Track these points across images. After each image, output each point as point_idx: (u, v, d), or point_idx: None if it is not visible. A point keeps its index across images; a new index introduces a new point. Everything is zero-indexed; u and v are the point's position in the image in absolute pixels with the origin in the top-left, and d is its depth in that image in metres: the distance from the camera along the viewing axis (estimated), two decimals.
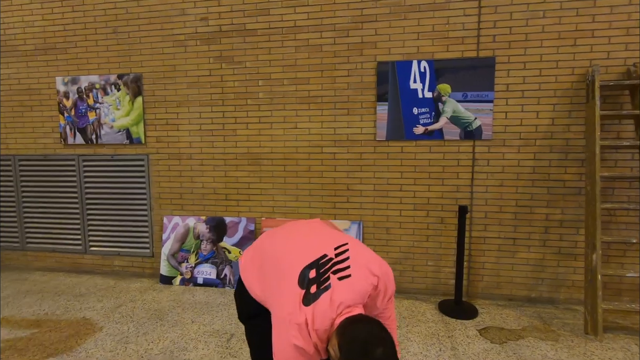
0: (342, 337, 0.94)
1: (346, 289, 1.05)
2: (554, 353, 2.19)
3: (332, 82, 2.99)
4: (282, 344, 1.03)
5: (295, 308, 1.03)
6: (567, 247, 2.82)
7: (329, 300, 1.02)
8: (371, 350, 0.90)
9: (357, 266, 1.10)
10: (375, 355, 0.89)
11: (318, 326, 1.00)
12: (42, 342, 2.33)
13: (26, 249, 3.70)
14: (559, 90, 2.72)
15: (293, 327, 1.01)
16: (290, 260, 1.14)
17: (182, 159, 3.32)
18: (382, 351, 0.90)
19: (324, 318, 1.01)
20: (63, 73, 3.40)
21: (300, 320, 1.00)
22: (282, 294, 1.08)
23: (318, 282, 1.06)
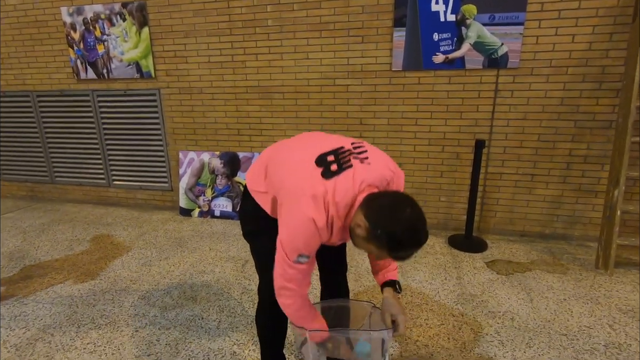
0: (369, 208, 0.93)
1: (367, 169, 1.02)
2: (560, 284, 2.21)
3: (345, 5, 2.75)
4: (293, 216, 0.98)
5: (314, 181, 0.98)
6: (588, 183, 2.70)
7: (351, 176, 0.99)
8: (400, 210, 0.90)
9: (375, 158, 1.07)
10: (405, 214, 0.90)
11: (339, 199, 0.96)
12: (75, 263, 2.55)
13: (55, 182, 3.92)
14: (602, 9, 2.40)
15: (309, 197, 0.95)
16: (301, 155, 1.07)
17: (193, 93, 3.27)
18: (410, 211, 0.91)
19: (346, 191, 0.97)
20: (67, 3, 3.28)
21: (318, 191, 0.95)
22: (297, 173, 1.02)
23: (338, 162, 1.01)
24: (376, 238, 0.92)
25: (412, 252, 0.93)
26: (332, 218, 0.97)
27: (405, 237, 0.90)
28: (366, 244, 0.97)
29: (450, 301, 2.06)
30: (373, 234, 0.91)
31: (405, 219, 0.90)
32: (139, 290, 2.19)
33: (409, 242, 0.91)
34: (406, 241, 0.90)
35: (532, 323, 1.85)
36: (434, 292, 2.15)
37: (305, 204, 0.95)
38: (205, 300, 2.09)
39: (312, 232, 0.96)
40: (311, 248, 1.00)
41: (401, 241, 0.90)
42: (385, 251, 0.93)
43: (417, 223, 0.91)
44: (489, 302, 2.04)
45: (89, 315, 1.96)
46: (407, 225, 0.89)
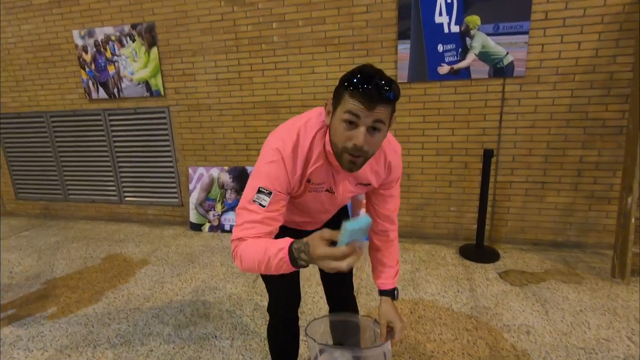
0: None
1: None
2: (576, 295, 2.18)
3: (349, 20, 2.79)
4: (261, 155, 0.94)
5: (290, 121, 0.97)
6: (601, 190, 2.67)
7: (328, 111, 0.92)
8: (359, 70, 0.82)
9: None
10: (365, 69, 0.82)
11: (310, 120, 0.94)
12: (89, 281, 2.59)
13: (68, 200, 3.99)
14: (607, 16, 2.40)
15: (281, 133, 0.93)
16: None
17: (202, 109, 3.33)
18: (368, 66, 0.84)
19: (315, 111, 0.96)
20: (79, 26, 3.38)
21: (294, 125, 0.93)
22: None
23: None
24: (335, 96, 0.85)
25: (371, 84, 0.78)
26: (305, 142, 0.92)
27: (353, 75, 0.81)
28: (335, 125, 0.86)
29: (463, 314, 2.03)
30: (334, 96, 0.86)
31: (359, 67, 0.83)
32: (152, 308, 2.21)
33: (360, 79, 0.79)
34: (356, 77, 0.80)
35: (548, 336, 1.82)
36: (447, 305, 2.13)
37: (272, 142, 0.93)
38: (218, 317, 2.10)
39: (277, 160, 0.89)
40: (276, 182, 0.89)
41: (352, 81, 0.80)
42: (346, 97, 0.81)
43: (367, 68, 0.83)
44: (503, 314, 2.02)
45: (104, 334, 1.98)
46: (357, 68, 0.83)
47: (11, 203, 4.24)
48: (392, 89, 0.81)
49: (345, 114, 0.82)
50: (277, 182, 0.90)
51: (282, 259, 0.78)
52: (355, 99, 0.80)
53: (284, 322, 1.33)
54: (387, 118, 0.85)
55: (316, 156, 0.95)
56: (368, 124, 0.82)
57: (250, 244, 0.85)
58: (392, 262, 1.23)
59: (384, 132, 0.88)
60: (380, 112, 0.82)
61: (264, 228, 0.88)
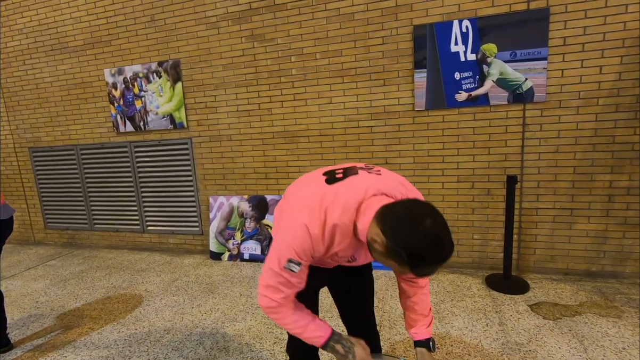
0: (384, 221, 0.84)
1: (375, 178, 0.97)
2: (616, 330, 2.03)
3: (366, 52, 2.86)
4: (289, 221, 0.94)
5: (315, 188, 0.94)
6: (634, 216, 2.54)
7: (355, 182, 0.94)
8: (419, 222, 0.80)
9: (387, 175, 1.03)
10: (425, 226, 0.79)
11: (338, 202, 0.90)
12: (111, 311, 2.61)
13: (94, 229, 4.11)
14: (629, 40, 2.37)
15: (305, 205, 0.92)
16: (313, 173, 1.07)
17: (223, 140, 3.42)
18: (430, 221, 0.80)
19: (346, 195, 0.91)
20: (109, 65, 3.60)
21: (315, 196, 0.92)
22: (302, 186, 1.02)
23: (345, 173, 0.99)
24: (395, 254, 0.82)
25: (436, 267, 0.83)
26: (332, 226, 0.91)
27: (427, 251, 0.79)
28: (385, 260, 0.87)
29: (494, 351, 1.92)
30: (391, 250, 0.82)
31: (425, 232, 0.79)
32: (172, 341, 2.19)
33: (432, 257, 0.80)
34: (429, 256, 0.80)
35: None
36: (476, 341, 2.02)
37: (300, 211, 0.93)
38: (238, 351, 2.05)
39: (305, 237, 0.91)
40: (303, 255, 0.93)
41: (423, 256, 0.80)
42: (406, 268, 0.83)
43: (440, 235, 0.80)
44: (537, 352, 1.89)
45: None
46: (428, 238, 0.79)
47: (40, 232, 4.39)
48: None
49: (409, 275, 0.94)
50: (304, 255, 0.95)
51: (317, 341, 0.98)
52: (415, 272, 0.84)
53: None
54: None
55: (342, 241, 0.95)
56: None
57: (291, 315, 1.00)
58: (425, 310, 1.17)
59: None
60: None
61: (293, 290, 1.00)
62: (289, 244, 0.93)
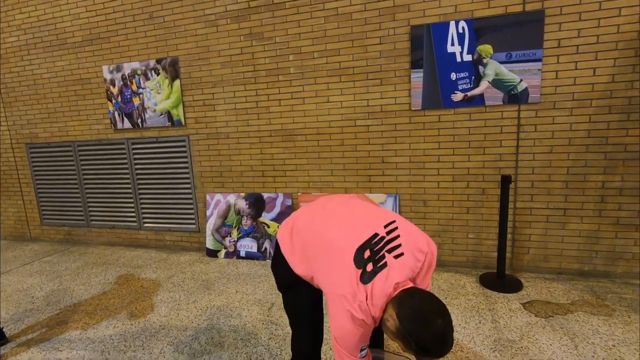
0: (401, 308, 1.01)
1: (400, 266, 1.11)
2: (607, 328, 2.06)
3: (363, 51, 2.88)
4: (343, 319, 1.08)
5: (354, 287, 1.08)
6: (627, 217, 2.57)
7: (384, 279, 1.08)
8: (432, 320, 0.96)
9: (407, 244, 1.15)
10: (437, 325, 0.96)
11: (376, 301, 1.06)
12: (107, 307, 2.62)
13: (90, 226, 4.11)
14: (622, 42, 2.41)
15: (355, 303, 1.06)
16: (340, 241, 1.17)
17: (220, 138, 3.44)
18: (441, 322, 0.96)
19: (381, 294, 1.06)
20: (108, 62, 3.61)
21: (362, 298, 1.06)
22: (337, 273, 1.13)
23: (374, 260, 1.11)
24: (405, 340, 0.99)
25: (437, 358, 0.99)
26: (373, 316, 1.08)
27: (434, 347, 0.96)
28: (394, 338, 1.04)
29: (486, 348, 1.95)
30: (403, 335, 0.99)
31: (436, 331, 0.96)
32: (167, 336, 2.21)
33: (438, 352, 0.97)
34: (434, 351, 0.97)
35: None
36: (468, 338, 2.04)
37: (354, 310, 1.07)
38: (233, 346, 2.07)
39: (365, 329, 1.09)
40: (367, 339, 1.13)
41: (429, 351, 0.96)
42: (411, 353, 1.00)
43: (447, 334, 0.96)
44: (529, 348, 1.92)
45: None
46: (437, 337, 0.95)
47: (36, 229, 4.39)
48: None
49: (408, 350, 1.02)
50: (367, 339, 1.13)
51: None
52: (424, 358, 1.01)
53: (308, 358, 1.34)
54: None
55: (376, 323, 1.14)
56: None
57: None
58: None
59: None
60: None
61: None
62: (357, 338, 1.09)
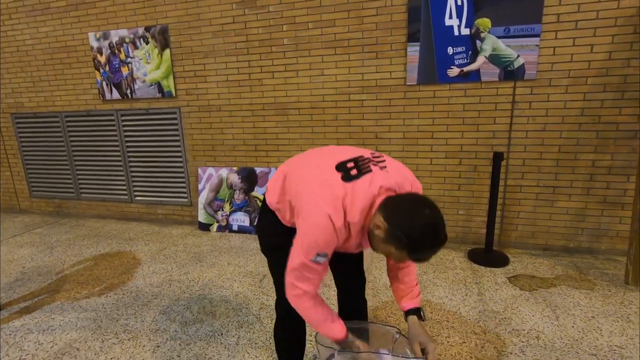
0: (387, 209, 0.95)
1: (386, 175, 1.04)
2: (588, 301, 2.13)
3: (359, 22, 2.80)
4: (312, 214, 0.99)
5: (334, 184, 1.00)
6: (614, 195, 2.62)
7: (369, 180, 1.00)
8: (419, 210, 0.91)
9: (393, 167, 1.09)
10: (424, 214, 0.90)
11: (357, 201, 0.97)
12: (99, 277, 2.63)
13: (80, 199, 4.07)
14: (621, 19, 2.37)
15: (328, 198, 0.98)
16: (322, 159, 1.10)
17: (212, 111, 3.37)
18: (429, 211, 0.91)
19: (364, 194, 0.98)
20: (94, 28, 3.47)
21: (337, 193, 0.98)
22: (316, 178, 1.04)
23: (358, 168, 1.04)
24: (395, 238, 0.92)
25: (431, 253, 0.93)
26: (349, 221, 0.99)
27: (424, 236, 0.90)
28: (385, 246, 0.97)
29: (471, 318, 2.01)
30: (392, 234, 0.92)
31: (424, 219, 0.90)
32: (160, 305, 2.23)
33: (429, 242, 0.91)
34: (426, 240, 0.90)
35: (558, 342, 1.79)
36: (455, 309, 2.10)
37: (323, 204, 0.97)
38: (225, 315, 2.10)
39: (330, 229, 0.97)
40: (329, 246, 1.00)
41: (420, 240, 0.90)
42: (405, 252, 0.93)
43: (436, 222, 0.91)
44: (512, 319, 1.98)
45: (112, 329, 2.00)
46: (426, 224, 0.90)
47: (25, 201, 4.34)
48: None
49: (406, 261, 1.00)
50: (331, 247, 1.01)
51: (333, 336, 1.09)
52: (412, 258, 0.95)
53: (291, 320, 1.32)
54: None
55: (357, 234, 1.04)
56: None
57: (313, 307, 1.07)
58: (413, 281, 1.24)
59: None
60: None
61: (320, 280, 1.08)
62: (315, 238, 0.99)
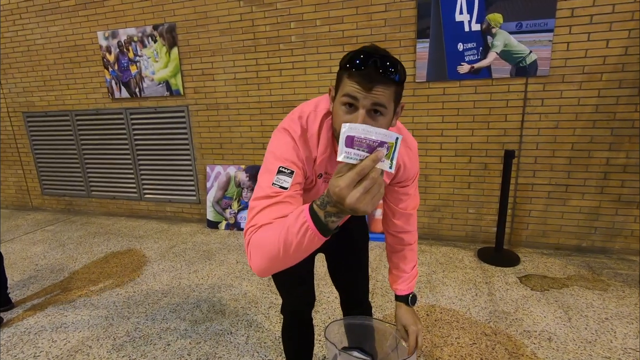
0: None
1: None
2: (601, 302, 2.09)
3: (367, 19, 2.77)
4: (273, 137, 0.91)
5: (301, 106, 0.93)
6: (628, 194, 2.56)
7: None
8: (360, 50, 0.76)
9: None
10: (366, 48, 0.76)
11: (320, 112, 0.91)
12: (110, 275, 2.66)
13: (91, 196, 4.12)
14: (638, 12, 2.30)
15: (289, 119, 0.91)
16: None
17: (220, 109, 3.37)
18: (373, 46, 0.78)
19: (324, 100, 0.93)
20: (103, 27, 3.48)
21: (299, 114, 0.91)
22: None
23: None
24: (336, 80, 0.80)
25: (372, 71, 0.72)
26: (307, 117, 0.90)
27: (356, 52, 0.76)
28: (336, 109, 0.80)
29: (482, 319, 1.99)
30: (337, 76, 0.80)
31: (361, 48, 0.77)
32: (170, 304, 2.25)
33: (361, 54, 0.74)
34: (357, 54, 0.75)
35: (571, 344, 1.76)
36: (465, 309, 2.08)
37: (281, 124, 0.92)
38: (234, 314, 2.12)
39: (287, 138, 0.88)
40: (291, 157, 0.85)
41: (352, 55, 0.75)
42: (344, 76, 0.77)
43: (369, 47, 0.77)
44: (523, 320, 1.96)
45: (124, 327, 2.03)
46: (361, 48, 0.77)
47: (37, 198, 4.40)
48: (394, 69, 0.73)
49: (344, 97, 0.76)
50: (294, 159, 0.85)
51: (304, 224, 0.64)
52: (353, 80, 0.74)
53: (298, 323, 1.32)
54: (389, 101, 0.76)
55: (324, 145, 0.91)
56: (367, 106, 0.74)
57: (265, 228, 0.73)
58: (409, 267, 1.20)
59: (388, 118, 0.79)
60: (380, 94, 0.73)
61: (286, 208, 0.76)
62: (274, 150, 0.87)
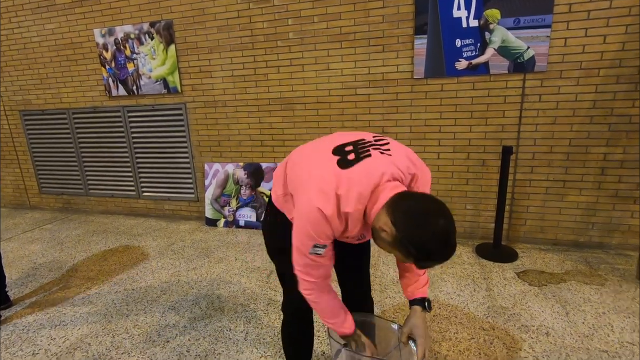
0: (396, 213, 0.85)
1: (388, 160, 0.94)
2: (598, 297, 2.11)
3: (365, 15, 2.76)
4: (302, 204, 0.93)
5: (327, 170, 0.91)
6: (626, 189, 2.57)
7: (369, 166, 0.91)
8: (432, 221, 0.81)
9: (396, 150, 1.00)
10: (438, 227, 0.81)
11: (353, 190, 0.89)
12: (108, 272, 2.66)
13: (89, 195, 4.11)
14: (635, 8, 2.30)
15: (317, 188, 0.90)
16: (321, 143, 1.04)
17: (218, 106, 3.36)
18: (443, 222, 0.82)
19: (362, 182, 0.90)
20: (99, 25, 3.46)
21: (328, 183, 0.90)
22: (311, 162, 0.98)
23: (357, 152, 0.94)
24: (403, 246, 0.84)
25: (439, 264, 0.87)
26: (345, 213, 0.91)
27: (436, 250, 0.83)
28: (390, 249, 0.90)
29: (480, 314, 2.00)
30: (400, 242, 0.84)
31: (438, 231, 0.81)
32: (169, 301, 2.25)
33: (440, 255, 0.84)
34: (436, 255, 0.84)
35: (569, 338, 1.77)
36: (463, 304, 2.09)
37: (313, 194, 0.91)
38: (233, 311, 2.12)
39: (322, 220, 0.90)
40: (324, 237, 0.94)
41: (432, 254, 0.83)
42: (411, 260, 0.87)
43: (450, 236, 0.83)
44: (521, 315, 1.97)
45: (122, 325, 2.03)
46: (439, 238, 0.82)
47: (35, 197, 4.39)
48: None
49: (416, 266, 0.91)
50: (326, 237, 0.95)
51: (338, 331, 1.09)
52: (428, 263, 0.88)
53: (298, 321, 1.32)
54: None
55: (355, 226, 0.96)
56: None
57: (325, 300, 1.06)
58: (420, 271, 1.17)
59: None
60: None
61: (326, 271, 1.04)
62: (307, 230, 0.93)
